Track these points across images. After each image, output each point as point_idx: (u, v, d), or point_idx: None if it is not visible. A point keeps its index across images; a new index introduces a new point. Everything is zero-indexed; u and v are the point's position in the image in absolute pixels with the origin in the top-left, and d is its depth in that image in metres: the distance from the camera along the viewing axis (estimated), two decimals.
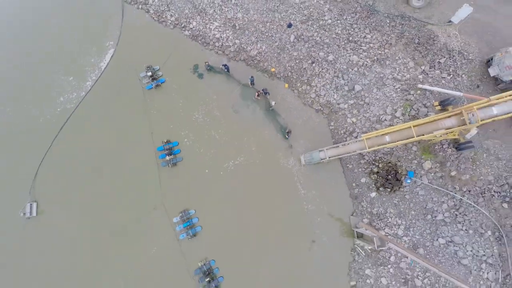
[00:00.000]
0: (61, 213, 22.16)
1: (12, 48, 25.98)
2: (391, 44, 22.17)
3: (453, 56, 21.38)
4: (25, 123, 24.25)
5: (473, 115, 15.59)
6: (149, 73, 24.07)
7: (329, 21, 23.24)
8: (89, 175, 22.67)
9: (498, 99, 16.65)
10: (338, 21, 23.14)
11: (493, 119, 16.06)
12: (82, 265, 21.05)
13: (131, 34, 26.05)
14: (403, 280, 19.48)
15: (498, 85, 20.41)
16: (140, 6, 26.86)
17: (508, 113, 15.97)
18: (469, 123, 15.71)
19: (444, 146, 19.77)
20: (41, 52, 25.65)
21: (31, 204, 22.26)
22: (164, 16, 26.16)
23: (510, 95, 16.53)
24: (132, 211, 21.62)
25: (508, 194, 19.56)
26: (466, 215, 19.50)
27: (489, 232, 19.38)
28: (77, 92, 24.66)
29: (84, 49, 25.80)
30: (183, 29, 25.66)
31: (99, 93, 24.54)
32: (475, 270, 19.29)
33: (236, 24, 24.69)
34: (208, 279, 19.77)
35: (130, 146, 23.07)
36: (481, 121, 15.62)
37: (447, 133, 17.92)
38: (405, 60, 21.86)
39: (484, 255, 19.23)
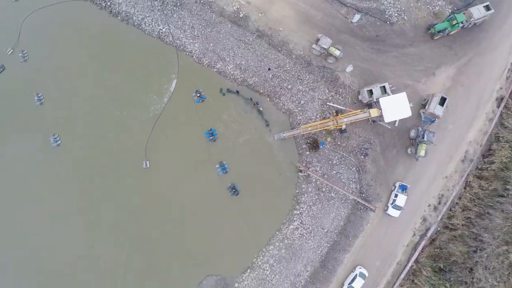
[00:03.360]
0: (163, 165, 46.46)
1: (123, 81, 48.00)
2: (317, 81, 45.66)
3: (346, 88, 45.26)
4: (133, 121, 47.29)
5: (336, 121, 40.21)
6: (198, 94, 46.96)
7: (288, 67, 46.19)
8: (172, 146, 46.65)
9: (353, 113, 41.14)
10: (293, 68, 46.14)
11: (346, 122, 40.72)
12: (177, 190, 46.00)
13: (184, 70, 48.19)
14: (317, 189, 45.45)
15: (363, 103, 44.76)
16: (187, 53, 48.51)
17: (351, 121, 40.65)
18: (334, 125, 40.45)
19: (336, 131, 44.64)
20: (137, 82, 47.84)
21: (145, 162, 46.37)
22: (201, 60, 48.14)
23: (354, 112, 41.01)
24: (195, 163, 46.13)
25: (364, 152, 45.00)
26: (344, 160, 45.08)
27: (354, 168, 45.15)
28: (159, 105, 47.52)
29: (159, 79, 48.07)
30: (212, 68, 47.90)
31: (171, 104, 47.43)
32: (347, 184, 45.31)
33: (241, 67, 47.21)
34: (233, 191, 45.22)
35: (190, 131, 46.79)
36: (339, 124, 40.29)
37: (335, 127, 42.50)
38: (324, 89, 45.58)
39: (351, 178, 45.16)
